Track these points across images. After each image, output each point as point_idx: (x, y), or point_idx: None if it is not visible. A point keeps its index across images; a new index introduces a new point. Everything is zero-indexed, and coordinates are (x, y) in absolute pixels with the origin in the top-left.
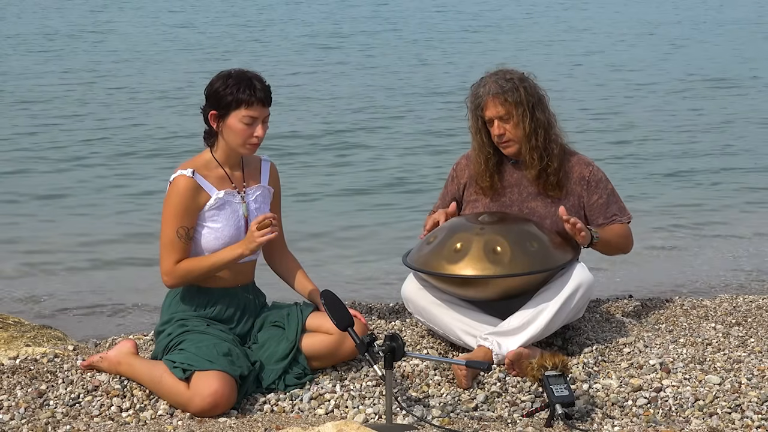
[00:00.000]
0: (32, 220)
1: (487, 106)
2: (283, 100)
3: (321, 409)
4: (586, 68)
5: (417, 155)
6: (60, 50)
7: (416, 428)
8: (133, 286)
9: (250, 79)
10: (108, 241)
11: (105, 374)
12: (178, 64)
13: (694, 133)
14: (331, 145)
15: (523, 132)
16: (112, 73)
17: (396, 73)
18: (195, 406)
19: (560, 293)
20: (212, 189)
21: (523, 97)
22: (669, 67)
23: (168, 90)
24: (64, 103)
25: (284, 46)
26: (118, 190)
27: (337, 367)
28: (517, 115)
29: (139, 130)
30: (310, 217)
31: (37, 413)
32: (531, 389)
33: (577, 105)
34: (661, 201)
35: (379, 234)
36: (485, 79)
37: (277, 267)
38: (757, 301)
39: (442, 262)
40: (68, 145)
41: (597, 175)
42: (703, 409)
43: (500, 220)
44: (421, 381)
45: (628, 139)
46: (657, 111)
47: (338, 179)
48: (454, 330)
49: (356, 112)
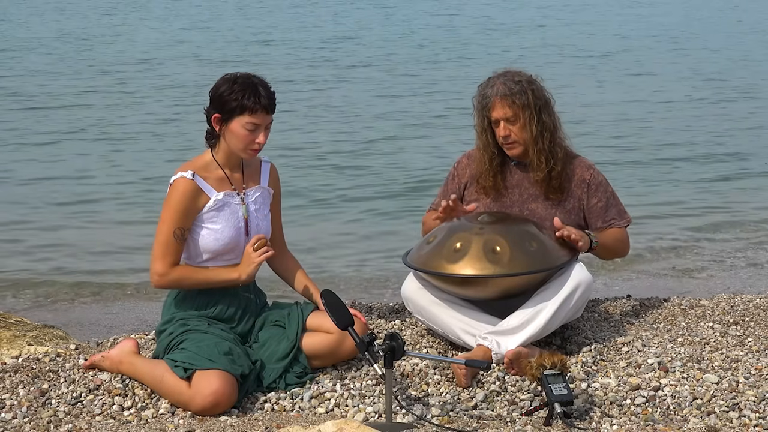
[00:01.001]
0: (39, 220)
1: (495, 107)
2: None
3: (321, 407)
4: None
5: (417, 156)
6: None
7: (416, 427)
8: (135, 286)
9: (255, 86)
10: (109, 242)
11: (107, 373)
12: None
13: (695, 133)
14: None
15: (529, 134)
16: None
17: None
18: (196, 404)
19: (559, 293)
20: (211, 191)
21: (531, 99)
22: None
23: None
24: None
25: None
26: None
27: (337, 366)
28: (524, 117)
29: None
30: (311, 217)
31: (39, 412)
32: (530, 388)
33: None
34: (659, 201)
35: (379, 233)
36: (493, 80)
37: (277, 267)
38: (755, 301)
39: (442, 262)
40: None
41: (597, 179)
42: (701, 407)
43: (500, 220)
44: (421, 380)
45: (627, 138)
46: (657, 111)
47: (340, 181)
48: (453, 329)
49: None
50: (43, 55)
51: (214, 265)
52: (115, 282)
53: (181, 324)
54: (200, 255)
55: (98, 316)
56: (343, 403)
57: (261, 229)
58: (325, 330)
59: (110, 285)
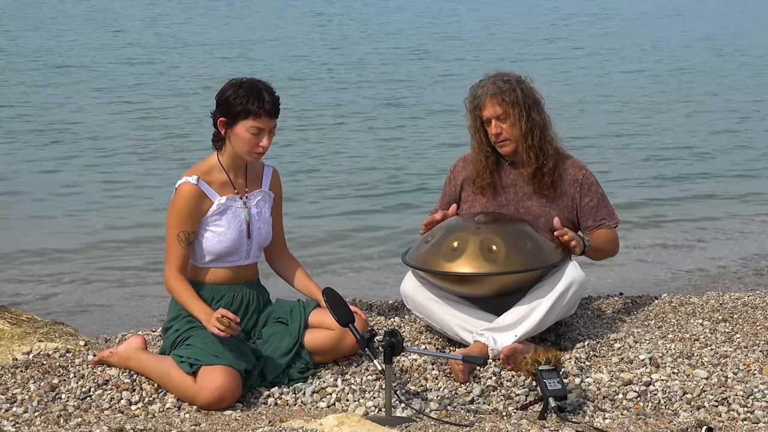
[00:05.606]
0: (50, 217)
1: (485, 106)
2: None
3: (323, 402)
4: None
5: (418, 156)
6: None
7: (414, 421)
8: (142, 284)
9: (260, 91)
10: (119, 235)
11: (115, 369)
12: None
13: (689, 134)
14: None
15: (519, 131)
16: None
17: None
18: (202, 399)
19: (553, 290)
20: (215, 195)
21: (520, 97)
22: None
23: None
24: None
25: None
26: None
27: (338, 362)
28: (514, 114)
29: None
30: (312, 217)
31: (49, 406)
32: (525, 383)
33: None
34: (649, 200)
35: (379, 234)
36: (483, 81)
37: (278, 267)
38: (743, 298)
39: (440, 260)
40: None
41: (589, 179)
42: (691, 402)
43: (496, 220)
44: (420, 375)
45: (622, 137)
46: (655, 113)
47: (341, 180)
48: (451, 326)
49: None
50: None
51: (217, 266)
52: (123, 280)
53: (187, 321)
54: (204, 257)
55: (107, 313)
56: (344, 398)
57: (262, 232)
58: (327, 327)
59: (119, 282)
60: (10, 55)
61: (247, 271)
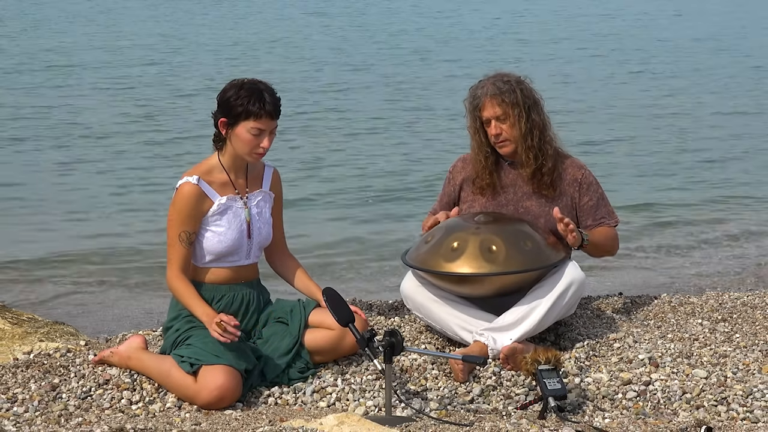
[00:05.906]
0: (51, 217)
1: (485, 106)
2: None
3: (323, 401)
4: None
5: (418, 159)
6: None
7: (414, 420)
8: (143, 284)
9: (261, 92)
10: (119, 235)
11: (115, 368)
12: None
13: (687, 134)
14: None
15: (519, 132)
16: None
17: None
18: (202, 399)
19: (553, 290)
20: (215, 195)
21: (520, 98)
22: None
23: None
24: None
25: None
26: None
27: (338, 362)
28: (513, 115)
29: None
30: (311, 217)
31: (50, 406)
32: (525, 383)
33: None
34: (650, 201)
35: (379, 233)
36: (483, 82)
37: (278, 268)
38: (742, 298)
39: (440, 261)
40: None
41: (588, 179)
42: (690, 401)
43: (495, 220)
44: (420, 375)
45: (625, 135)
46: (655, 112)
47: (340, 182)
48: (451, 326)
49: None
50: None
51: (218, 266)
52: (124, 280)
53: (188, 321)
54: (204, 256)
55: (107, 313)
56: (344, 398)
57: (263, 232)
58: (327, 326)
59: (119, 283)
60: (11, 55)
61: (247, 271)
